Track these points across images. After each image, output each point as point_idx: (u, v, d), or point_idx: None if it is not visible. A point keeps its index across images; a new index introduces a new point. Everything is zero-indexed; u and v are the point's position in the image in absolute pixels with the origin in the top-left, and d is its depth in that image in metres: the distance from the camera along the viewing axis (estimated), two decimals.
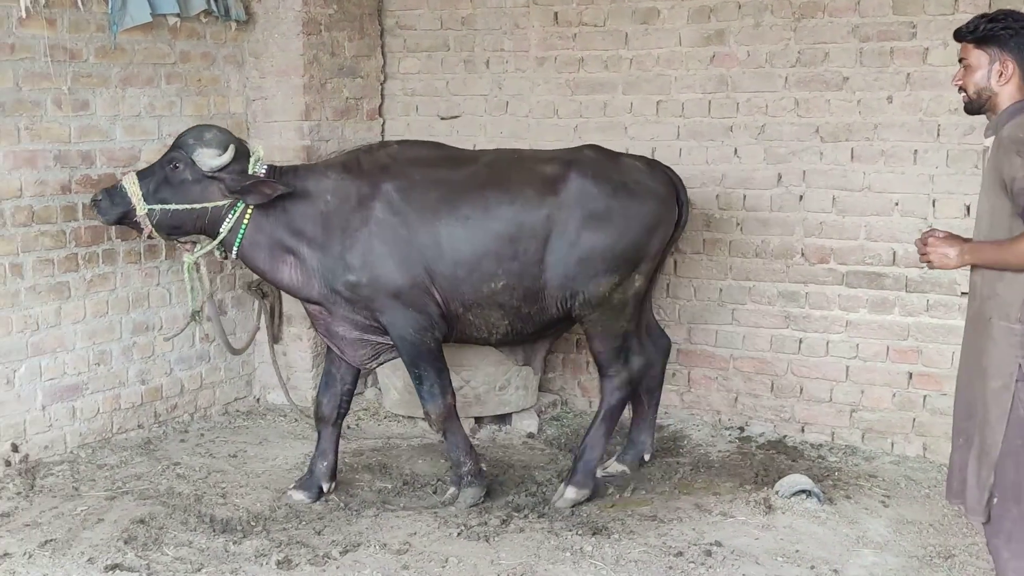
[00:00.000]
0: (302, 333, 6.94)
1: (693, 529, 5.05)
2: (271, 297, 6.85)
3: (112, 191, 5.25)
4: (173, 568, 4.58)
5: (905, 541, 4.98)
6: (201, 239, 5.36)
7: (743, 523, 5.11)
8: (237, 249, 5.24)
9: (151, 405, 6.42)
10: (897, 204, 6.00)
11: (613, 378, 5.42)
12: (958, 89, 3.89)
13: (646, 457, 5.89)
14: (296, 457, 6.03)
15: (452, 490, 5.43)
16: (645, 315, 5.74)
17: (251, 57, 6.81)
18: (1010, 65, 3.72)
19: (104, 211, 5.23)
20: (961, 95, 3.89)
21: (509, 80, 6.99)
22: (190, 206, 5.13)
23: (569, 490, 5.34)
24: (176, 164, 5.15)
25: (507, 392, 6.48)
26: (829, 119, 6.12)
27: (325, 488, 5.44)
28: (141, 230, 5.26)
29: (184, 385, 6.61)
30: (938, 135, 5.87)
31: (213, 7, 6.41)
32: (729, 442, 6.35)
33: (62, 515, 5.13)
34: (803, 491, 5.32)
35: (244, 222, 5.17)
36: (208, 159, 5.10)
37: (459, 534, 4.97)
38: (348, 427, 6.53)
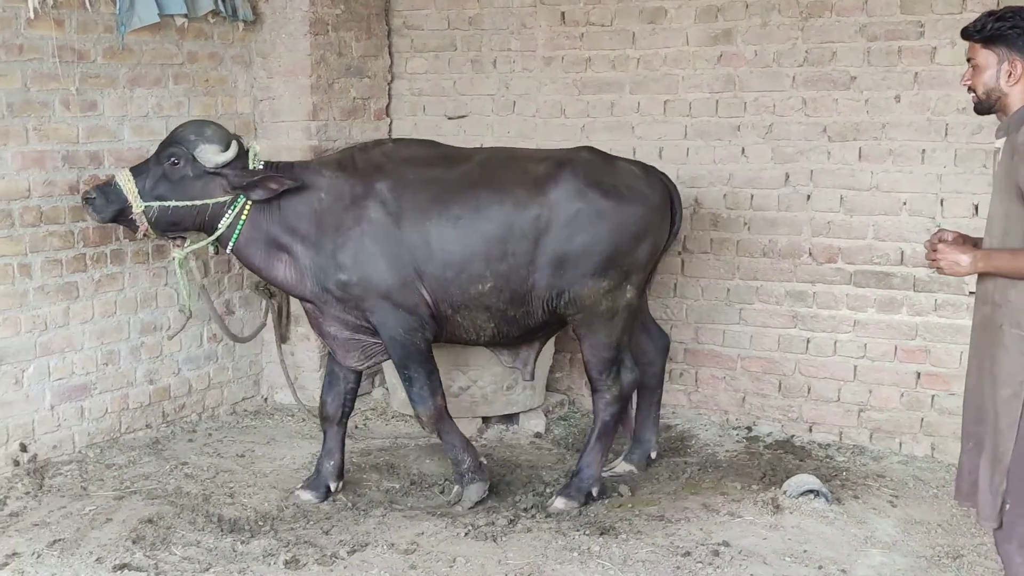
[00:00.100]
0: (309, 333, 6.92)
1: (701, 529, 5.05)
2: (278, 297, 6.85)
3: (106, 188, 5.14)
4: (181, 568, 4.59)
5: (913, 541, 4.97)
6: (191, 235, 5.30)
7: (751, 523, 5.11)
8: (233, 245, 5.19)
9: (159, 405, 6.43)
10: (905, 203, 5.99)
11: (604, 394, 5.38)
12: (967, 89, 3.80)
13: (652, 455, 5.88)
14: (304, 457, 6.04)
15: (456, 488, 5.42)
16: (641, 315, 5.70)
17: (258, 57, 6.82)
18: (1019, 65, 3.62)
19: (99, 209, 5.11)
20: (970, 95, 3.79)
21: (516, 80, 6.99)
22: (191, 203, 5.08)
23: (559, 500, 5.32)
24: (176, 160, 5.07)
25: (514, 392, 6.48)
26: (837, 118, 6.11)
27: (332, 488, 5.44)
28: (136, 228, 5.15)
29: (192, 385, 6.62)
30: (946, 134, 5.85)
31: (220, 7, 6.42)
32: (737, 442, 6.34)
33: (70, 515, 5.14)
34: (811, 491, 5.31)
35: (242, 218, 5.13)
36: (212, 155, 5.05)
37: (466, 534, 4.97)
38: (355, 427, 6.54)
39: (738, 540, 4.91)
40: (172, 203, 5.08)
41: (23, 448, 5.69)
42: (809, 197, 6.23)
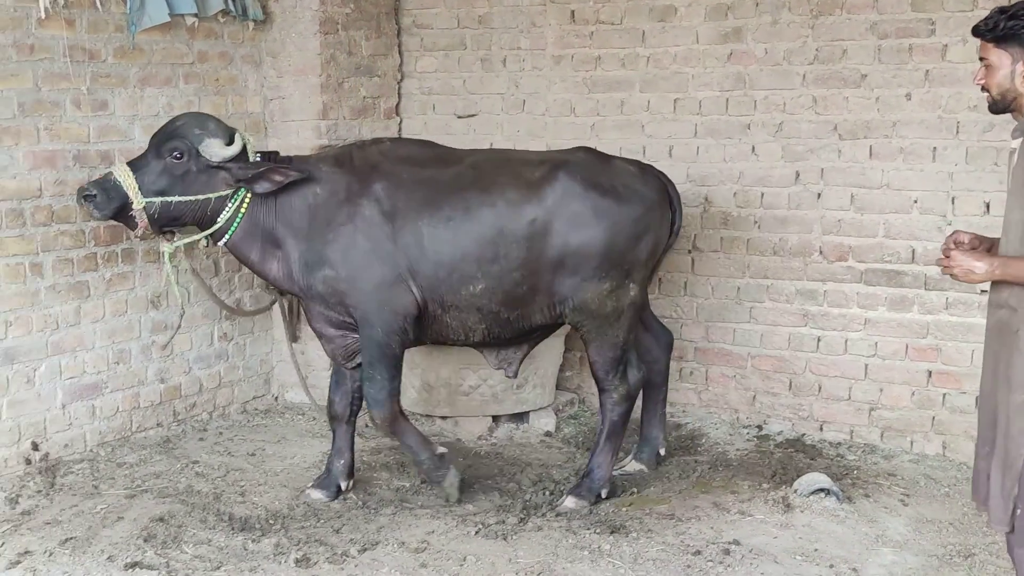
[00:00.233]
0: None
1: (711, 528, 5.04)
2: (289, 295, 6.84)
3: (105, 183, 5.01)
4: (192, 566, 4.60)
5: (925, 540, 4.96)
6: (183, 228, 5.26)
7: (761, 522, 5.10)
8: (228, 239, 5.16)
9: (170, 404, 6.44)
10: (916, 202, 5.97)
11: (611, 393, 5.36)
12: (980, 88, 3.69)
13: (661, 452, 5.87)
14: (314, 455, 6.04)
15: (437, 488, 5.38)
16: (644, 313, 5.66)
17: (268, 56, 6.82)
18: None
19: (100, 206, 4.98)
20: (984, 95, 3.69)
21: (526, 78, 6.98)
22: (193, 198, 5.03)
23: (569, 499, 5.31)
24: (179, 154, 5.00)
25: (524, 391, 6.47)
26: (847, 116, 6.10)
27: (343, 486, 5.44)
28: (135, 225, 5.07)
29: (203, 384, 6.64)
30: (957, 132, 5.84)
31: (231, 7, 6.43)
32: (747, 440, 6.33)
33: (82, 513, 5.16)
34: (822, 490, 5.31)
35: (241, 212, 5.11)
36: (218, 149, 5.01)
37: (477, 532, 4.97)
38: (366, 425, 6.51)
39: (749, 539, 4.91)
40: (175, 199, 5.02)
41: (35, 447, 5.71)
42: (820, 195, 6.22)
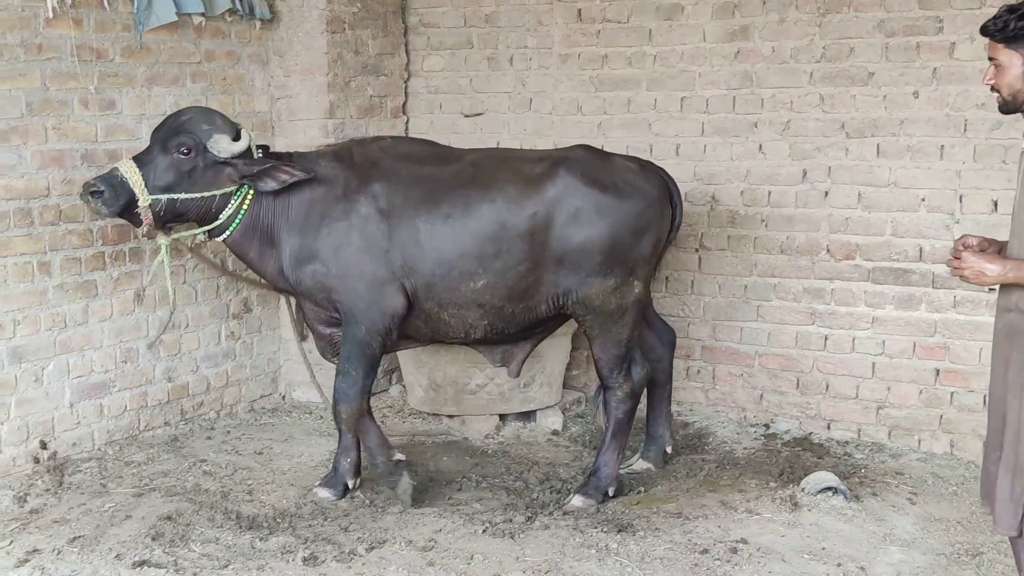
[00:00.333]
0: None
1: (718, 526, 5.04)
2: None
3: (112, 179, 4.95)
4: (200, 564, 4.61)
5: (932, 539, 4.95)
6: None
7: (769, 520, 5.10)
8: (229, 235, 5.15)
9: (177, 402, 6.45)
10: (923, 200, 5.96)
11: (616, 391, 5.37)
12: (990, 88, 3.66)
13: (668, 450, 5.86)
14: (322, 454, 6.05)
15: (389, 492, 5.35)
16: (646, 311, 5.66)
17: (275, 56, 6.83)
18: None
19: (108, 203, 4.92)
20: (994, 95, 3.66)
21: (533, 77, 6.98)
22: (200, 195, 5.01)
23: (576, 498, 5.31)
24: (187, 150, 4.98)
25: (531, 389, 6.48)
26: (855, 115, 6.09)
27: (350, 485, 5.44)
28: (140, 223, 5.04)
29: (210, 382, 6.65)
30: (965, 130, 5.82)
31: (238, 6, 6.44)
32: (754, 439, 6.33)
33: (90, 512, 5.17)
34: (829, 488, 5.30)
35: (243, 209, 5.11)
36: (226, 145, 4.99)
37: (484, 531, 4.98)
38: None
39: (756, 538, 4.91)
40: (181, 196, 4.99)
41: (43, 445, 5.72)
42: (827, 194, 6.21)
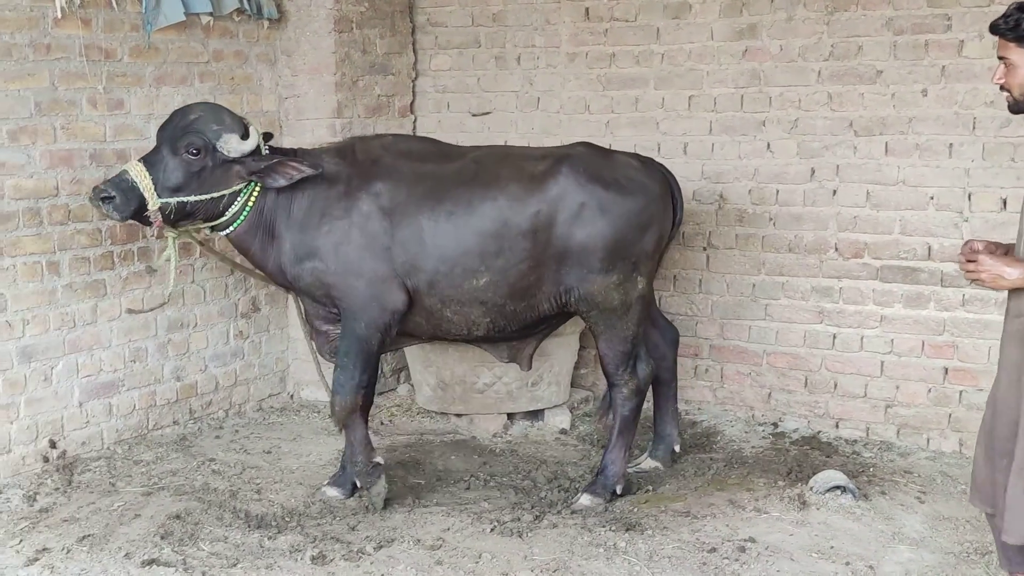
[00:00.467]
0: None
1: (727, 525, 5.03)
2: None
3: (122, 184, 4.90)
4: (209, 563, 4.62)
5: (941, 537, 4.94)
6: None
7: (777, 519, 5.09)
8: (233, 232, 5.14)
9: (186, 402, 6.47)
10: (932, 198, 5.95)
11: (621, 388, 5.36)
12: (1000, 88, 3.62)
13: (676, 449, 5.85)
14: (330, 453, 6.06)
15: (365, 492, 5.33)
16: (649, 309, 5.65)
17: (283, 55, 6.84)
18: None
19: (120, 208, 4.88)
20: (1004, 94, 3.62)
21: (540, 76, 6.98)
22: (209, 196, 4.98)
23: (584, 497, 5.32)
24: (196, 151, 4.93)
25: (539, 388, 6.48)
26: (863, 113, 6.08)
27: (359, 484, 5.44)
28: (150, 224, 5.01)
29: (219, 382, 6.66)
30: (974, 128, 5.81)
31: (246, 6, 6.45)
32: (763, 438, 6.32)
33: (99, 510, 5.18)
34: (838, 487, 5.29)
35: (249, 205, 5.10)
36: (236, 144, 4.96)
37: (492, 530, 4.98)
38: (381, 423, 6.56)
39: (764, 536, 4.90)
40: (191, 199, 4.96)
41: (52, 444, 5.74)
42: (835, 192, 6.20)
